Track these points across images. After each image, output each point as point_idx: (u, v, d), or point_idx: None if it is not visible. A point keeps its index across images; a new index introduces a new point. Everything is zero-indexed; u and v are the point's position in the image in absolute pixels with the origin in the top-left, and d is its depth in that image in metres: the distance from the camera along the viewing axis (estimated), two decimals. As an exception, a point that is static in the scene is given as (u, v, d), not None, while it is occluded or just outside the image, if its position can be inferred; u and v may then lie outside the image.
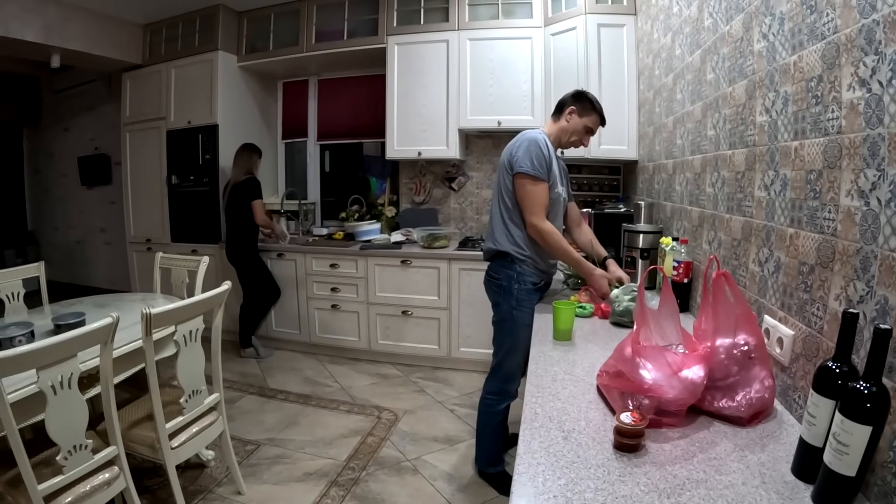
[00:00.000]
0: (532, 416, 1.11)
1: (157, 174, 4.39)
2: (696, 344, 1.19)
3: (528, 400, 1.19)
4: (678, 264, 1.91)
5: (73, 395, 1.42)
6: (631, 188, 3.44)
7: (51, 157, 6.25)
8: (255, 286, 3.81)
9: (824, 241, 1.04)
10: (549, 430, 1.05)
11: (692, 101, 1.96)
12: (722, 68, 1.62)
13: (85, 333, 1.44)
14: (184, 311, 1.81)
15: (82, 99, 5.77)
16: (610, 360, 1.23)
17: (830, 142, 1.02)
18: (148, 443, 1.78)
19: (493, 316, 2.19)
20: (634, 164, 3.24)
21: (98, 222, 5.92)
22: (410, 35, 3.71)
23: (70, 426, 1.44)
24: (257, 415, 3.00)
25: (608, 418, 1.11)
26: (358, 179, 4.71)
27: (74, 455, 1.45)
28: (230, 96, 4.18)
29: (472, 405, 3.09)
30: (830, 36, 1.02)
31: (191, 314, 1.84)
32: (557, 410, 1.14)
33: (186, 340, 1.85)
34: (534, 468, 0.92)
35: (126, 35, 4.30)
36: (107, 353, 1.54)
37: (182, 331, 1.82)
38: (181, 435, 1.85)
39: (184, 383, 1.88)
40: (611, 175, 3.76)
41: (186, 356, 1.86)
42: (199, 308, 1.88)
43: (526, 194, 2.00)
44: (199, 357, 1.94)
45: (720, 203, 1.65)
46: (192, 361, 1.90)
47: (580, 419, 1.11)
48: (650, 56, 2.72)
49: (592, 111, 2.09)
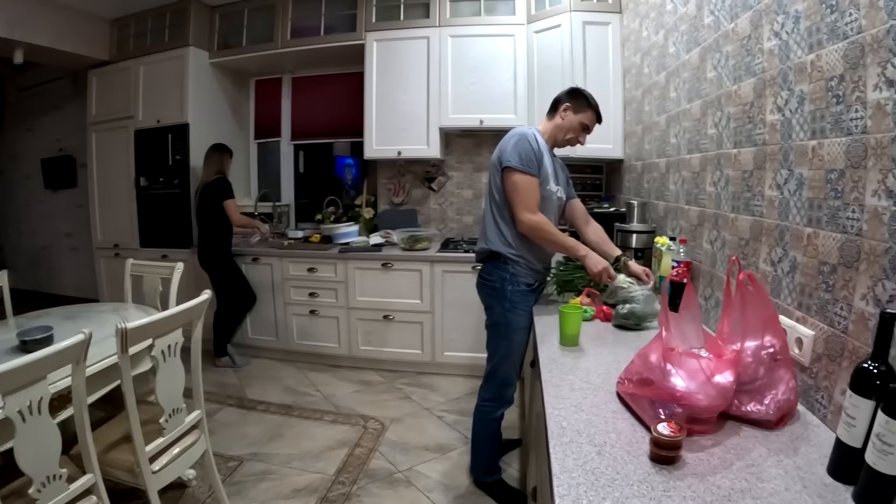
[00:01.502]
0: (559, 431, 1.05)
1: (124, 176, 4.17)
2: (722, 347, 1.15)
3: (550, 413, 1.13)
4: (677, 264, 1.89)
5: (44, 421, 1.29)
6: (615, 187, 3.44)
7: (14, 159, 5.90)
8: (230, 292, 3.65)
9: (848, 240, 1.02)
10: (581, 446, 0.99)
11: (689, 99, 1.93)
12: (725, 66, 1.60)
13: (55, 353, 1.30)
14: (162, 325, 1.67)
15: (47, 98, 5.46)
16: (632, 367, 1.17)
17: (854, 141, 1.00)
18: (127, 467, 1.64)
19: (487, 319, 2.11)
20: (619, 163, 3.23)
21: (64, 227, 5.64)
22: (390, 31, 3.62)
23: (42, 456, 1.30)
24: (238, 428, 2.86)
25: (637, 429, 1.06)
26: (332, 180, 4.59)
27: (49, 486, 1.32)
28: (201, 94, 4.00)
29: (460, 411, 3.04)
30: (854, 36, 1.00)
31: (169, 327, 1.71)
32: (584, 423, 1.08)
33: (165, 356, 1.72)
34: (575, 489, 0.85)
35: (93, 30, 4.08)
36: (79, 372, 1.41)
37: (161, 345, 1.69)
38: (162, 457, 1.72)
39: (164, 402, 1.74)
40: (593, 174, 3.75)
41: (166, 373, 1.73)
42: (178, 320, 1.75)
43: (514, 188, 1.93)
44: (180, 373, 1.81)
45: (724, 202, 1.63)
46: (171, 378, 1.76)
47: (609, 431, 1.05)
48: (638, 54, 2.71)
49: (588, 108, 2.04)
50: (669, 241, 2.01)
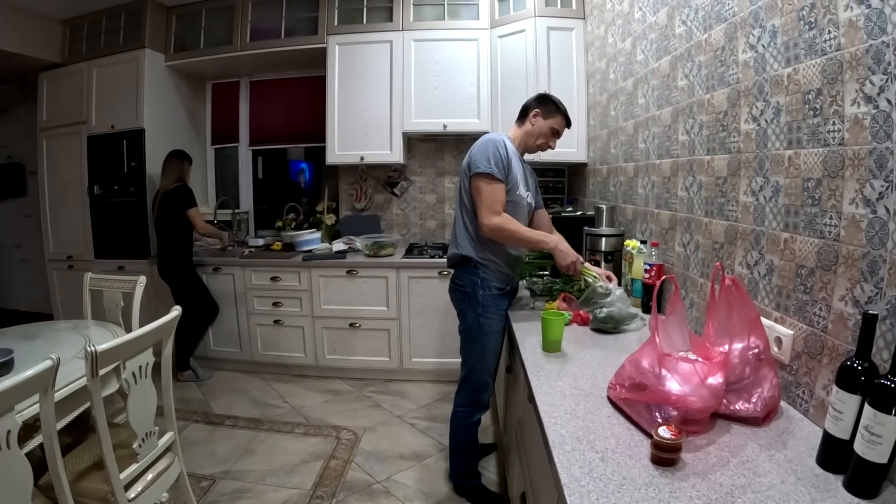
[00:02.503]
0: (559, 440, 1.06)
1: (77, 184, 3.94)
2: (709, 350, 1.19)
3: (547, 422, 1.14)
4: (650, 266, 1.94)
5: (13, 455, 1.20)
6: (578, 190, 3.51)
7: (-42, 167, 5.45)
8: (191, 303, 3.50)
9: (825, 245, 1.07)
10: (583, 453, 1.01)
11: (659, 105, 2.00)
12: (698, 76, 1.66)
13: (22, 382, 1.21)
14: (133, 345, 1.58)
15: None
16: (623, 373, 1.20)
17: (831, 152, 1.05)
18: (100, 496, 1.55)
19: (460, 325, 2.12)
20: (583, 167, 3.30)
21: (12, 238, 5.26)
22: (352, 35, 3.57)
23: (14, 493, 1.21)
24: (207, 445, 2.75)
25: (634, 433, 1.08)
26: (290, 185, 4.49)
27: (19, 525, 1.23)
28: (158, 98, 3.83)
29: (432, 417, 3.03)
30: (832, 52, 1.04)
31: (140, 348, 1.62)
32: (581, 430, 1.10)
33: (136, 378, 1.63)
34: (587, 497, 0.87)
35: (44, 30, 3.82)
36: (48, 401, 1.32)
37: (131, 367, 1.60)
38: (137, 484, 1.63)
39: (136, 426, 1.63)
40: (555, 177, 3.82)
41: (137, 395, 1.62)
42: (148, 340, 1.66)
43: (479, 193, 1.95)
44: (151, 395, 1.72)
45: (697, 206, 1.69)
46: (143, 401, 1.66)
47: (608, 437, 1.07)
48: (604, 60, 2.78)
49: (557, 113, 2.08)
50: (640, 245, 2.08)
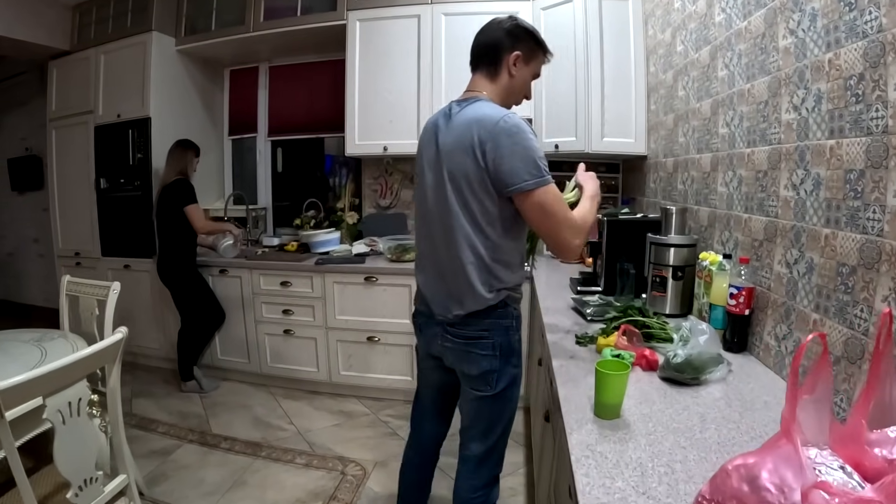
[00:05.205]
0: None
1: (85, 177, 3.73)
2: (864, 450, 0.72)
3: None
4: (737, 291, 1.45)
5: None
6: (635, 188, 2.99)
7: (-22, 160, 5.46)
8: (195, 308, 3.21)
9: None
10: None
11: (749, 77, 1.49)
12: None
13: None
14: (54, 378, 1.24)
15: (12, 93, 5.02)
16: (721, 486, 0.72)
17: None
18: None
19: (483, 390, 1.47)
20: (641, 160, 2.78)
21: (30, 232, 5.20)
22: (375, 10, 3.16)
23: None
24: (197, 471, 2.43)
25: None
26: (316, 180, 4.13)
27: None
28: (166, 85, 3.55)
29: (456, 452, 2.59)
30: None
31: (65, 381, 1.28)
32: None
33: (65, 417, 1.29)
34: None
35: (53, 16, 3.65)
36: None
37: (55, 405, 1.26)
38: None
39: (68, 474, 1.32)
40: (608, 173, 3.30)
41: (67, 437, 1.31)
42: (75, 372, 1.32)
43: (553, 209, 1.33)
44: (90, 435, 1.40)
45: (810, 210, 1.19)
46: (77, 443, 1.34)
47: None
48: (668, 30, 2.26)
49: (538, 48, 1.46)
50: (722, 260, 1.58)
